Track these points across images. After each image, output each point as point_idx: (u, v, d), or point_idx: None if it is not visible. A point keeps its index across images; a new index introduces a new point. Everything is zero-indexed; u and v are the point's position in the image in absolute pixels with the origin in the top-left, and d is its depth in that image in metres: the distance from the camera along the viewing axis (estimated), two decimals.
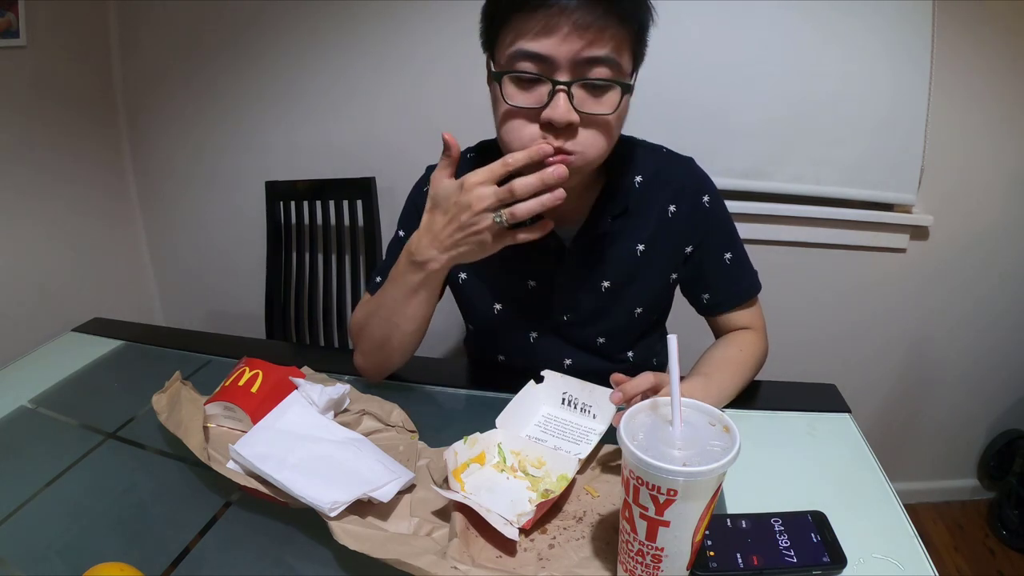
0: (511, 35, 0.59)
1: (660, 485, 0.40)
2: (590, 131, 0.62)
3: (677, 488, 0.40)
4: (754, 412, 0.71)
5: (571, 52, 0.57)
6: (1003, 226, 1.46)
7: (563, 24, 0.56)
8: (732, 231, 0.80)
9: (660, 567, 0.44)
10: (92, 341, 0.95)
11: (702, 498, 0.41)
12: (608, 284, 0.78)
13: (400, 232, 0.83)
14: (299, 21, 1.55)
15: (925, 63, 1.32)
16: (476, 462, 0.59)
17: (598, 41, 0.57)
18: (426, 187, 0.80)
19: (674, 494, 0.40)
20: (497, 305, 0.82)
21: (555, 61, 0.58)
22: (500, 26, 0.60)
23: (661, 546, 0.43)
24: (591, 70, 0.59)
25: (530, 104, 0.60)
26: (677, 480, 0.39)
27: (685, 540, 0.42)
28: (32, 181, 1.51)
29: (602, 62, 0.58)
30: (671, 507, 0.41)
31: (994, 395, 1.65)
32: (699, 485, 0.40)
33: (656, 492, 0.40)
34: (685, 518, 0.41)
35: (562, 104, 0.58)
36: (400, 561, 0.45)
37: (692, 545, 0.43)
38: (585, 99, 0.60)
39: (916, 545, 0.51)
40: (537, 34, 0.57)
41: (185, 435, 0.61)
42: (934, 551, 1.56)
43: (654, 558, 0.43)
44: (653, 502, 0.41)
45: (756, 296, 0.81)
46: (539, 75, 0.59)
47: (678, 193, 0.76)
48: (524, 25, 0.58)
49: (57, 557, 0.52)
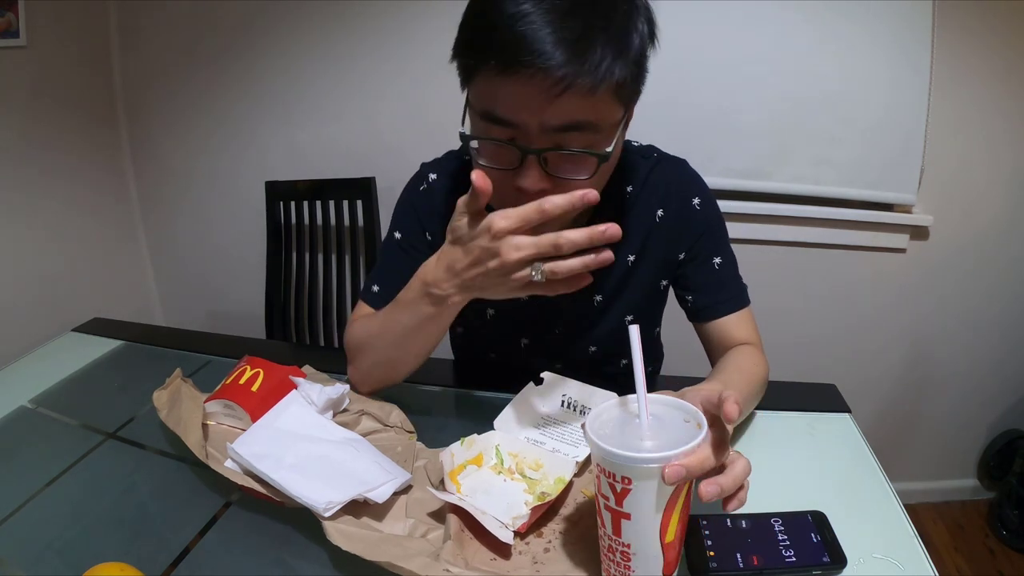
0: (482, 92, 0.55)
1: (615, 472, 0.40)
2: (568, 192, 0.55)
3: (630, 476, 0.40)
4: (754, 412, 0.71)
5: (541, 120, 0.53)
6: (1003, 226, 1.46)
7: (530, 90, 0.50)
8: (723, 237, 0.77)
9: (631, 567, 0.43)
10: (92, 341, 0.95)
11: (660, 492, 0.40)
12: (600, 298, 0.77)
13: (396, 234, 0.79)
14: (299, 21, 1.55)
15: (925, 63, 1.32)
16: (473, 464, 0.59)
17: (574, 106, 0.52)
18: (422, 185, 0.79)
19: (628, 482, 0.40)
20: (490, 310, 0.81)
21: (526, 128, 0.54)
22: (471, 76, 0.56)
23: (627, 542, 0.42)
24: (566, 138, 0.54)
25: (502, 166, 0.57)
26: (628, 467, 0.39)
27: (651, 539, 0.42)
28: (32, 181, 1.51)
29: (579, 128, 0.54)
30: (628, 497, 0.41)
31: (994, 395, 1.65)
32: (653, 475, 0.39)
33: (613, 480, 0.41)
34: (644, 512, 0.41)
35: (534, 174, 0.55)
36: (392, 564, 0.45)
37: (663, 547, 0.42)
38: (560, 164, 0.56)
39: (916, 545, 0.51)
40: (504, 99, 0.53)
41: (184, 432, 0.61)
42: (934, 551, 1.56)
43: (623, 555, 0.43)
44: (612, 491, 0.41)
45: (745, 308, 0.76)
46: (510, 143, 0.55)
47: (666, 196, 0.74)
48: (493, 85, 0.53)
49: (57, 557, 0.52)
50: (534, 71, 0.49)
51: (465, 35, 0.56)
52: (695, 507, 0.55)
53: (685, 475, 0.39)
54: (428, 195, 0.78)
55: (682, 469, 0.39)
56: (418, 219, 0.78)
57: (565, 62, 0.49)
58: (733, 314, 0.75)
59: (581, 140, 0.55)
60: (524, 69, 0.49)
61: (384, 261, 0.79)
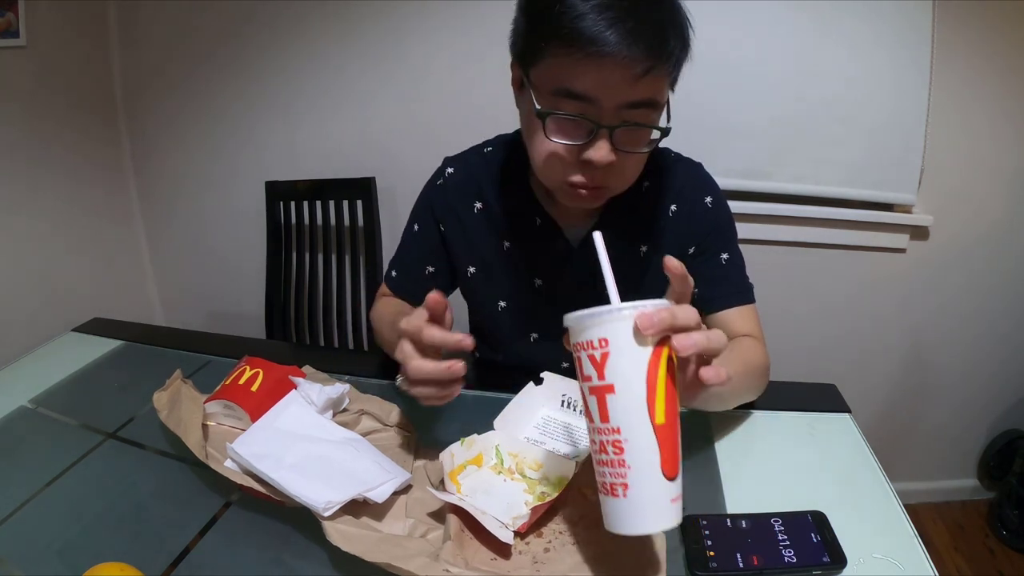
0: (556, 70, 0.59)
1: (592, 339, 0.41)
2: (625, 165, 0.63)
3: (607, 336, 0.40)
4: (754, 412, 0.71)
5: (617, 97, 0.57)
6: (1003, 226, 1.46)
7: (611, 69, 0.55)
8: (732, 237, 0.79)
9: (625, 460, 0.41)
10: (92, 341, 0.95)
11: (639, 350, 0.40)
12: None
13: (415, 226, 0.84)
14: (299, 21, 1.55)
15: (925, 63, 1.32)
16: (473, 464, 0.59)
17: (644, 85, 0.57)
18: (439, 180, 0.83)
19: (606, 344, 0.40)
20: (502, 302, 0.83)
21: (602, 105, 0.58)
22: (543, 55, 0.59)
23: (616, 425, 0.41)
24: (634, 113, 0.59)
25: (571, 142, 0.61)
26: (604, 323, 0.40)
27: (641, 414, 0.40)
28: (32, 181, 1.51)
29: (645, 104, 0.59)
30: (608, 362, 0.40)
31: (994, 395, 1.65)
32: (628, 330, 0.40)
33: (592, 350, 0.41)
34: (627, 379, 0.40)
35: (604, 147, 0.60)
36: (392, 564, 0.45)
37: (655, 431, 0.40)
38: (624, 139, 0.61)
39: (916, 545, 0.51)
40: (587, 79, 0.57)
41: (184, 433, 0.61)
42: (934, 551, 1.56)
43: (615, 447, 0.41)
44: (593, 364, 0.41)
45: (750, 304, 0.78)
46: (583, 117, 0.59)
47: (680, 193, 0.77)
48: (571, 64, 0.57)
49: (57, 557, 0.52)
50: (621, 58, 0.54)
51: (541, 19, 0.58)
52: (695, 507, 0.55)
53: (657, 321, 0.40)
54: (443, 190, 0.82)
55: (653, 314, 0.40)
56: (432, 213, 0.83)
57: (647, 52, 0.55)
58: (735, 308, 0.76)
59: (646, 116, 0.60)
60: (611, 57, 0.54)
61: (402, 248, 0.87)
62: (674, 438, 0.42)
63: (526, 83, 0.63)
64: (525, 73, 0.63)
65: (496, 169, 0.80)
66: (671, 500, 0.42)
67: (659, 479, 0.41)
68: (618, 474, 0.41)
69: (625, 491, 0.41)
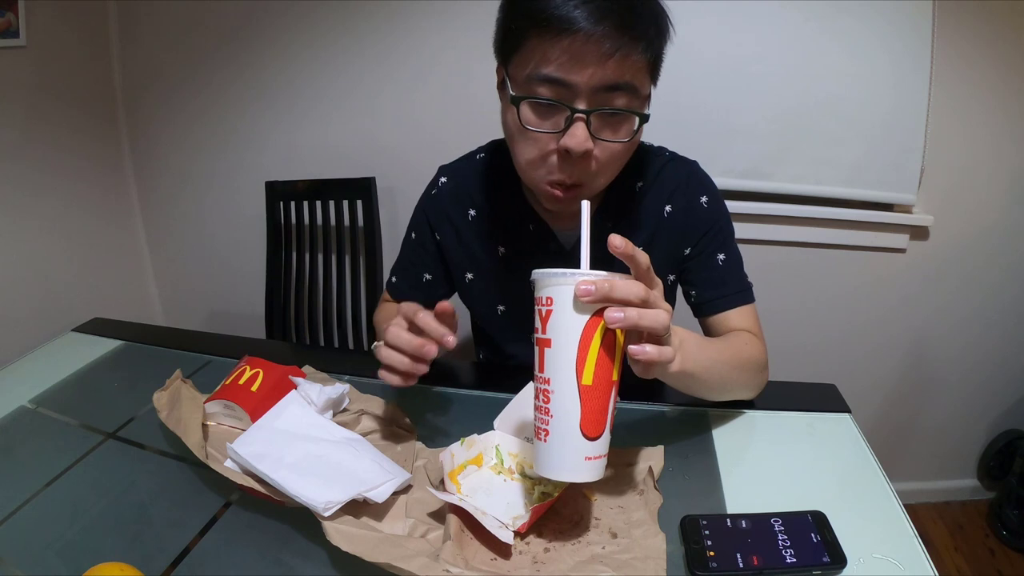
0: (531, 56, 0.58)
1: (541, 296, 0.45)
2: (603, 157, 0.62)
3: (552, 295, 0.44)
4: (754, 412, 0.71)
5: (593, 80, 0.57)
6: (1003, 226, 1.46)
7: (587, 51, 0.55)
8: (729, 236, 0.79)
9: (550, 409, 0.45)
10: (92, 341, 0.95)
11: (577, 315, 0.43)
12: None
13: (412, 234, 0.86)
14: (299, 21, 1.55)
15: (925, 63, 1.32)
16: (473, 464, 0.59)
17: (620, 68, 0.56)
18: (433, 190, 0.84)
19: (550, 303, 0.43)
20: (500, 306, 0.84)
21: (576, 88, 0.57)
22: (519, 44, 0.59)
23: (547, 377, 0.45)
24: (611, 97, 0.58)
25: (547, 129, 0.60)
26: (549, 285, 0.44)
27: (568, 372, 0.44)
28: (32, 181, 1.51)
29: (622, 89, 0.58)
30: (550, 320, 0.44)
31: (994, 395, 1.65)
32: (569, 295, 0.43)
33: (541, 305, 0.45)
34: (563, 337, 0.44)
35: (580, 133, 0.58)
36: (391, 564, 0.45)
37: (579, 389, 0.44)
38: (602, 127, 0.60)
39: (916, 545, 0.51)
40: (559, 60, 0.56)
41: (184, 433, 0.61)
42: (934, 551, 1.56)
43: (544, 396, 0.45)
44: (539, 318, 0.45)
45: (749, 304, 0.77)
46: (558, 102, 0.58)
47: (675, 192, 0.76)
48: (546, 49, 0.56)
49: (57, 557, 0.52)
50: (589, 35, 0.54)
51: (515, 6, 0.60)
52: (695, 507, 0.55)
53: (593, 291, 0.43)
54: (437, 198, 0.83)
55: (591, 284, 0.42)
56: (427, 222, 0.84)
57: (617, 28, 0.55)
58: (735, 309, 0.76)
59: (623, 101, 0.59)
60: (580, 34, 0.54)
61: (402, 256, 0.89)
62: (600, 402, 0.45)
63: (506, 79, 0.63)
64: (505, 68, 0.64)
65: (488, 175, 0.80)
66: (585, 458, 0.46)
67: (576, 434, 0.45)
68: (543, 420, 0.46)
69: (546, 437, 0.46)
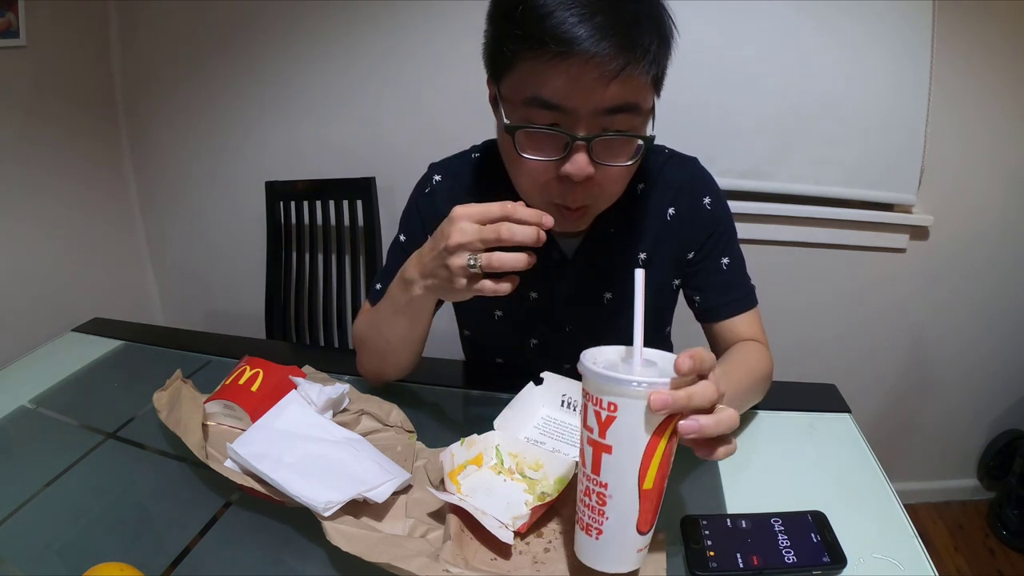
0: (525, 77, 0.54)
1: (603, 398, 0.41)
2: (607, 179, 0.59)
3: (617, 402, 0.40)
4: (754, 412, 0.71)
5: (593, 104, 0.53)
6: (1003, 226, 1.46)
7: (586, 74, 0.51)
8: (732, 237, 0.77)
9: (605, 512, 0.43)
10: (92, 341, 0.95)
11: (644, 426, 0.40)
12: (610, 295, 0.77)
13: (401, 236, 0.79)
14: (299, 21, 1.55)
15: (925, 63, 1.32)
16: (473, 464, 0.59)
17: (623, 89, 0.53)
18: (427, 188, 0.79)
19: (614, 409, 0.40)
20: (498, 312, 0.81)
21: (576, 113, 0.54)
22: (511, 64, 0.55)
23: (605, 481, 0.42)
24: (613, 120, 0.55)
25: (547, 157, 0.57)
26: (618, 390, 0.40)
27: (630, 480, 0.41)
28: (32, 181, 1.51)
29: (624, 110, 0.55)
30: (612, 426, 0.41)
31: (994, 395, 1.65)
32: (640, 398, 0.40)
33: (600, 407, 0.41)
34: (626, 445, 0.41)
35: (581, 160, 0.55)
36: (391, 564, 0.45)
37: (640, 494, 0.42)
38: (604, 150, 0.57)
39: (916, 545, 0.51)
40: (556, 83, 0.53)
41: (184, 433, 0.61)
42: (934, 551, 1.56)
43: (599, 499, 0.43)
44: (597, 421, 0.41)
45: (752, 310, 0.76)
46: (557, 129, 0.55)
47: (677, 194, 0.74)
48: (542, 71, 0.52)
49: (57, 557, 0.52)
50: (590, 56, 0.50)
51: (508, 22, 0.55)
52: (695, 507, 0.55)
53: (671, 403, 0.39)
54: (431, 198, 0.78)
55: (668, 396, 0.39)
56: (421, 223, 0.78)
57: (620, 48, 0.50)
58: (740, 315, 0.75)
59: (626, 122, 0.56)
60: (580, 55, 0.50)
61: (389, 262, 0.80)
62: (657, 499, 0.43)
63: (498, 96, 0.59)
64: (497, 87, 0.59)
65: (485, 177, 0.76)
66: (637, 550, 0.44)
67: (632, 533, 0.43)
68: (596, 519, 0.43)
69: (598, 536, 0.44)
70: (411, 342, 0.71)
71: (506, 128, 0.58)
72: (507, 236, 0.51)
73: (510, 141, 0.58)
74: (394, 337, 0.70)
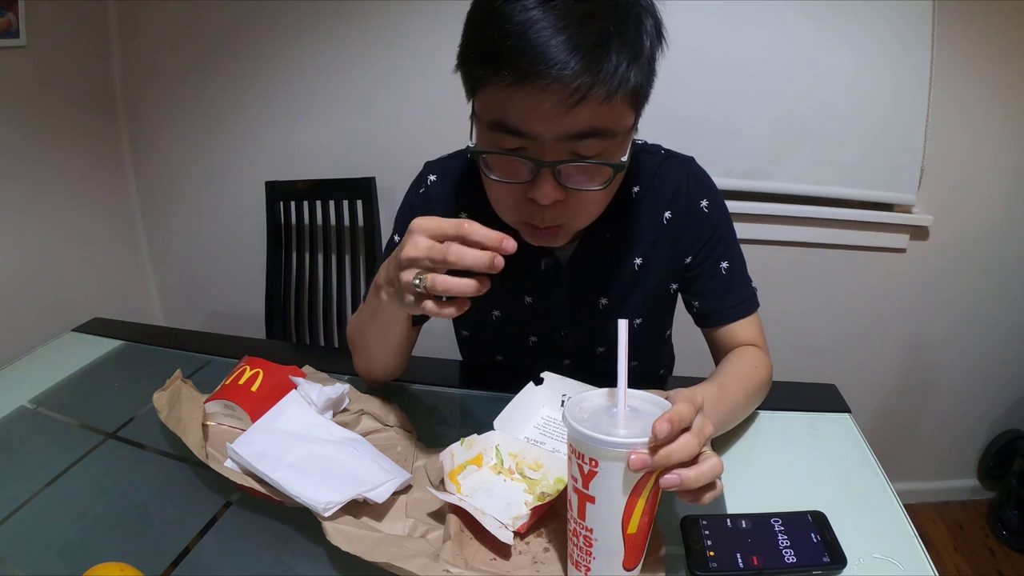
0: (490, 100, 0.53)
1: (584, 453, 0.42)
2: (580, 202, 0.58)
3: (597, 458, 0.41)
4: (755, 412, 0.71)
5: (556, 130, 0.51)
6: (1003, 226, 1.46)
7: (545, 100, 0.48)
8: (731, 240, 0.76)
9: (592, 552, 0.44)
10: (92, 341, 0.95)
11: (624, 484, 0.41)
12: (606, 301, 0.76)
13: (395, 237, 0.79)
14: (299, 20, 1.55)
15: (925, 63, 1.32)
16: (473, 464, 0.59)
17: (588, 114, 0.50)
18: (422, 188, 0.78)
19: (595, 464, 0.41)
20: (496, 312, 0.80)
21: (540, 139, 0.52)
22: (478, 83, 0.54)
23: (590, 527, 0.43)
24: (581, 146, 0.53)
25: (513, 180, 0.56)
26: (596, 449, 0.41)
27: (613, 526, 0.43)
28: (32, 181, 1.51)
29: (593, 135, 0.52)
30: (594, 480, 0.42)
31: (994, 395, 1.65)
32: (619, 459, 0.40)
33: (582, 461, 0.42)
34: (608, 497, 0.42)
35: (547, 186, 0.54)
36: (391, 564, 0.45)
37: (624, 537, 0.43)
38: (574, 174, 0.55)
39: (916, 545, 0.51)
40: (515, 106, 0.51)
41: (184, 433, 0.61)
42: (934, 551, 1.56)
43: (586, 540, 0.44)
44: (580, 473, 0.42)
45: (754, 313, 0.75)
46: (521, 155, 0.54)
47: (674, 197, 0.73)
48: (502, 92, 0.50)
49: (57, 557, 0.52)
50: (549, 81, 0.47)
51: (471, 44, 0.54)
52: (695, 507, 0.55)
53: (649, 464, 0.39)
54: (426, 199, 0.77)
55: (646, 457, 0.39)
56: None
57: (581, 71, 0.47)
58: (740, 321, 0.74)
59: (596, 147, 0.53)
60: (539, 79, 0.47)
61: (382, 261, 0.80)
62: (642, 541, 0.45)
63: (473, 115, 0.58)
64: (472, 103, 0.58)
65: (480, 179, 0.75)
66: None
67: (618, 570, 0.45)
68: (584, 557, 0.45)
69: (587, 572, 0.45)
70: (391, 345, 0.70)
71: (470, 153, 0.57)
72: (454, 259, 0.48)
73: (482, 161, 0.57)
74: (374, 340, 0.70)
